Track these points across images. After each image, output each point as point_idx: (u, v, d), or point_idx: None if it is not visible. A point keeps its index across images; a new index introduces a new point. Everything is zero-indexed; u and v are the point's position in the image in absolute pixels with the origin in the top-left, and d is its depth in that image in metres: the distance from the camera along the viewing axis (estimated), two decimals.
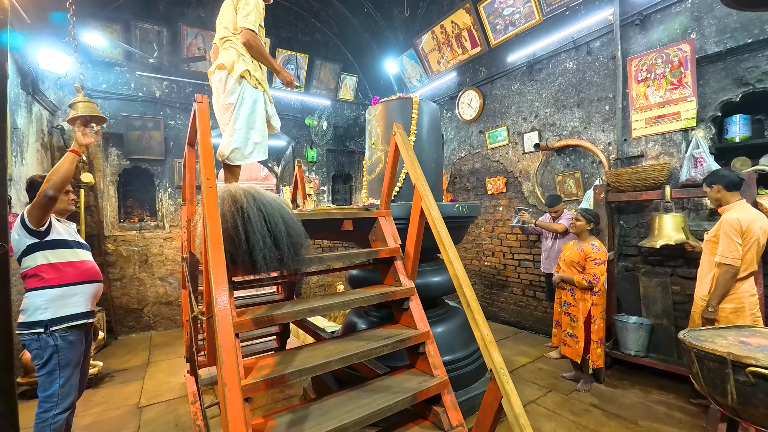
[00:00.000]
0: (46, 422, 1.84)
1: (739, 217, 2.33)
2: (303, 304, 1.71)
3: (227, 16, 2.41)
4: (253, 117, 2.36)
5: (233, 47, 2.37)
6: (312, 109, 6.18)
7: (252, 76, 2.38)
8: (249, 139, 2.38)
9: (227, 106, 2.36)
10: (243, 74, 2.32)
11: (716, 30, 3.02)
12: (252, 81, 2.39)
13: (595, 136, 3.87)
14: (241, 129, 2.34)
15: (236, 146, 2.33)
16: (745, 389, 1.41)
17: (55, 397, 1.87)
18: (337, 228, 2.06)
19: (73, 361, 1.95)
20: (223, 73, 2.34)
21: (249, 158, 2.41)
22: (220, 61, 2.37)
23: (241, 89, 2.35)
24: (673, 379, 3.04)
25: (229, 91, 2.32)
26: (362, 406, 1.56)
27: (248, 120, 2.35)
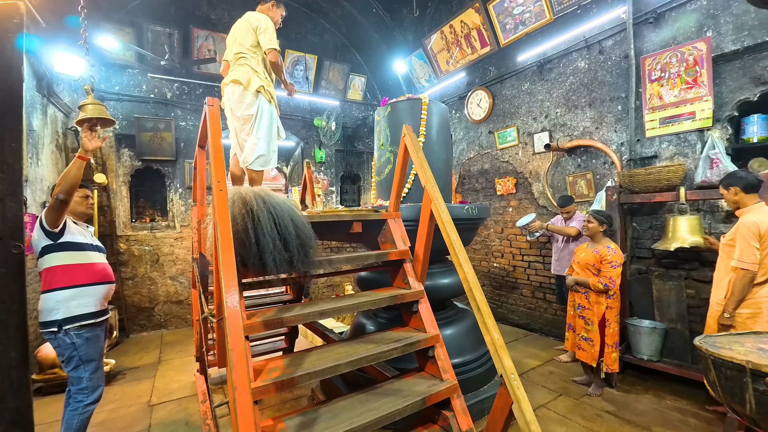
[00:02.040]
0: (76, 411, 1.98)
1: (758, 221, 2.27)
2: (313, 307, 1.71)
3: (243, 36, 2.71)
4: (271, 128, 2.77)
5: (248, 65, 2.67)
6: (321, 110, 6.19)
7: (266, 91, 2.69)
8: (270, 147, 2.70)
9: (247, 118, 2.67)
10: (259, 89, 2.63)
11: (733, 28, 2.95)
12: (266, 95, 2.70)
13: (607, 137, 3.81)
14: (264, 138, 2.66)
15: (261, 153, 2.64)
16: (765, 398, 1.37)
17: (86, 390, 2.01)
18: (346, 230, 2.06)
19: (95, 356, 2.07)
20: (238, 88, 2.64)
21: (270, 164, 2.73)
22: (235, 77, 2.64)
23: (259, 103, 2.66)
24: (687, 384, 2.97)
25: (248, 104, 2.63)
26: (372, 409, 1.55)
27: (268, 130, 2.68)
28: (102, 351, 2.16)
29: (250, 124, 2.67)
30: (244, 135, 2.73)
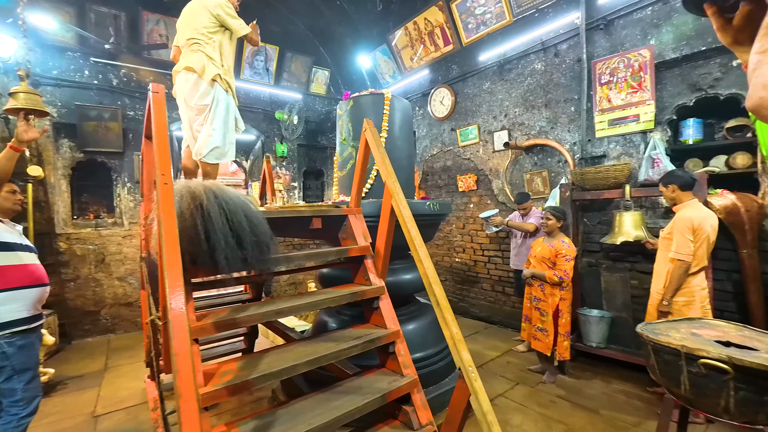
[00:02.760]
0: (10, 424, 1.83)
1: (692, 216, 2.46)
2: (270, 306, 1.64)
3: (196, 18, 2.54)
4: (228, 119, 2.64)
5: (202, 51, 2.50)
6: (282, 103, 6.02)
7: (223, 79, 2.54)
8: (226, 140, 2.56)
9: (201, 108, 2.51)
10: (215, 78, 2.48)
11: (673, 37, 3.17)
12: (223, 84, 2.55)
13: (562, 136, 3.98)
14: (219, 129, 2.51)
15: (216, 145, 2.50)
16: (698, 380, 1.48)
17: (21, 402, 1.86)
18: (306, 226, 2.00)
19: (30, 364, 1.91)
20: (191, 76, 2.48)
21: (226, 157, 2.59)
22: (188, 63, 2.48)
23: (215, 92, 2.51)
24: (631, 368, 3.19)
25: (202, 93, 2.48)
26: (332, 408, 1.52)
27: (225, 121, 2.53)
28: (37, 359, 1.98)
29: (205, 114, 2.52)
30: (197, 126, 2.57)
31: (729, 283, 2.91)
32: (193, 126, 2.60)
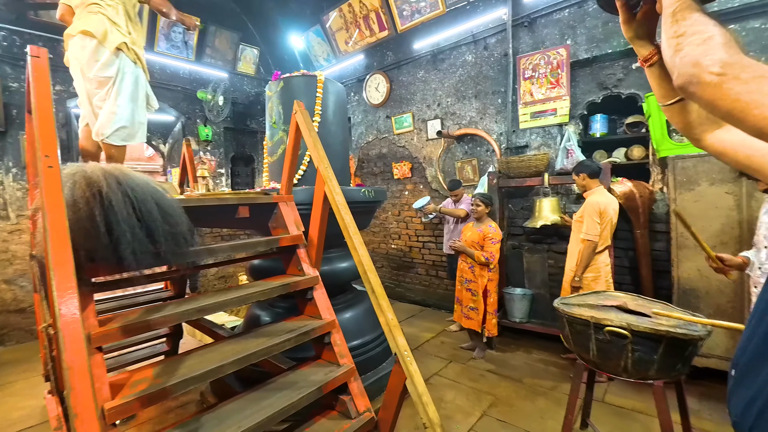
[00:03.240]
0: None
1: (599, 201, 2.75)
2: (191, 304, 1.49)
3: None
4: (136, 94, 2.30)
5: (102, 13, 2.14)
6: (205, 81, 5.51)
7: (130, 49, 2.23)
8: (135, 119, 2.25)
9: (103, 80, 2.16)
10: (120, 47, 2.15)
11: (586, 39, 3.48)
12: (131, 55, 2.23)
13: (490, 127, 4.19)
14: (126, 106, 2.19)
15: (122, 125, 2.18)
16: (603, 345, 1.67)
17: None
18: (232, 215, 1.85)
19: None
20: (89, 42, 2.12)
21: (135, 139, 2.27)
22: (84, 26, 2.11)
23: (120, 63, 2.18)
24: (549, 339, 3.53)
25: (104, 63, 2.14)
26: (264, 407, 1.44)
27: (133, 97, 2.22)
28: None
29: (107, 88, 2.17)
30: (98, 101, 2.21)
31: (626, 259, 3.34)
32: (92, 101, 2.23)
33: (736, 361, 0.73)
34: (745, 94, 0.52)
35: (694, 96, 0.59)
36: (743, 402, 0.68)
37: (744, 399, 0.68)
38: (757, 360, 0.67)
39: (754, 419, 0.65)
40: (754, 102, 0.52)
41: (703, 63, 0.56)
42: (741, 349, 0.73)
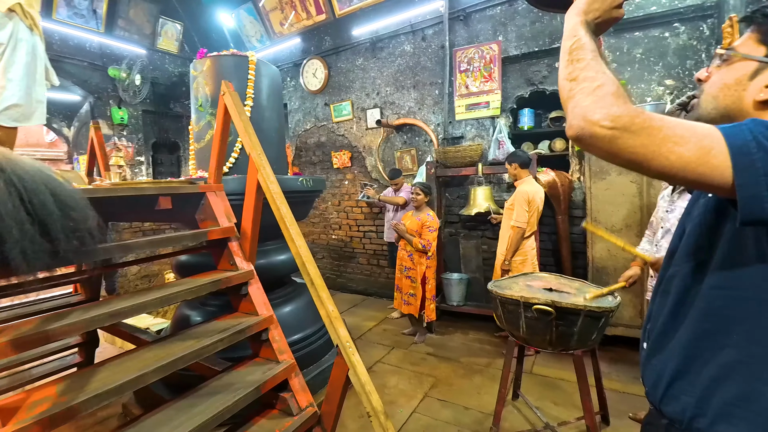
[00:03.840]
0: None
1: (528, 190, 2.95)
2: (101, 308, 1.31)
3: None
4: (33, 67, 1.86)
5: None
6: (119, 57, 4.88)
7: (26, 14, 1.83)
8: (32, 96, 1.85)
9: None
10: (13, 8, 1.75)
11: (516, 36, 3.67)
12: (27, 20, 1.84)
13: (428, 117, 4.28)
14: (20, 80, 1.80)
15: (15, 102, 1.78)
16: (531, 322, 1.80)
17: None
18: (150, 207, 1.65)
19: None
20: None
21: (31, 120, 1.88)
22: None
23: (14, 27, 1.78)
24: (484, 320, 3.74)
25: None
26: (195, 414, 1.33)
27: (28, 70, 1.81)
28: None
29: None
30: None
31: (549, 242, 3.64)
32: None
33: (648, 335, 0.79)
34: (640, 147, 0.55)
35: (589, 149, 0.60)
36: (654, 375, 0.74)
37: (654, 372, 0.74)
38: (664, 336, 0.74)
39: (664, 391, 0.71)
40: (650, 154, 0.55)
41: (593, 117, 0.57)
42: (650, 323, 0.79)
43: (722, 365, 0.63)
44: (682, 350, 0.69)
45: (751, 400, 0.60)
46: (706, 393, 0.64)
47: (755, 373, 0.60)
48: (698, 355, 0.66)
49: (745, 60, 0.65)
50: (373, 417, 1.40)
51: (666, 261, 0.79)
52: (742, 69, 0.65)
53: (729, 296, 0.63)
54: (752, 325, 0.61)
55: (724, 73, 0.67)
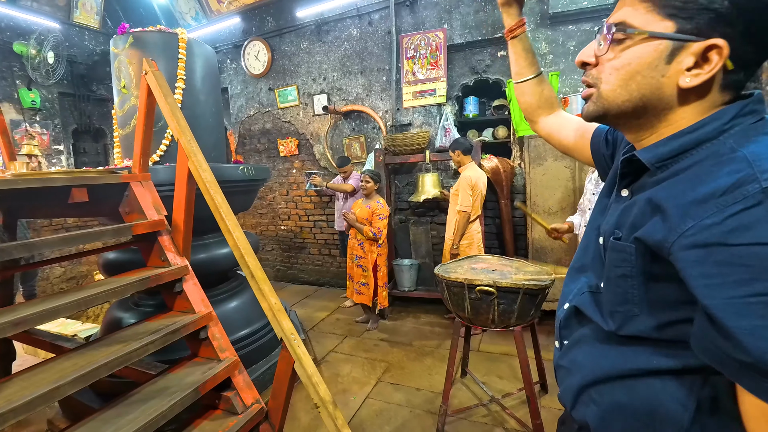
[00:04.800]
0: None
1: (471, 175, 3.04)
2: (3, 316, 1.15)
3: None
4: None
5: None
6: (25, 31, 4.28)
7: None
8: None
9: None
10: None
11: (460, 24, 3.71)
12: None
13: (376, 104, 4.24)
14: None
15: None
16: (475, 303, 1.87)
17: None
18: (63, 200, 1.47)
19: None
20: None
21: None
22: None
23: None
24: (433, 303, 3.85)
25: None
26: (125, 424, 1.22)
27: None
28: None
29: None
30: None
31: (493, 226, 3.81)
32: None
33: (564, 335, 0.75)
34: None
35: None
36: (566, 379, 0.72)
37: (565, 380, 0.73)
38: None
39: (573, 399, 0.69)
40: None
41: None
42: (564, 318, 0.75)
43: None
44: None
45: None
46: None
47: None
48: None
49: (651, 39, 0.52)
50: (321, 408, 1.39)
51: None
52: (652, 50, 0.52)
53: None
54: None
55: (629, 56, 0.54)
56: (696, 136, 0.52)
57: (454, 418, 2.19)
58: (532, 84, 0.91)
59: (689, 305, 0.50)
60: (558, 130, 0.91)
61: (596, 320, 0.65)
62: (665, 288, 0.54)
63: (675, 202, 0.50)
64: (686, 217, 0.47)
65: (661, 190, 0.54)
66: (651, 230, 0.52)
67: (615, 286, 0.60)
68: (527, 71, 0.90)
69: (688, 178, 0.51)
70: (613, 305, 0.61)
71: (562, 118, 0.92)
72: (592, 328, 0.67)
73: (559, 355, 0.75)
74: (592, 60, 0.60)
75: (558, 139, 0.91)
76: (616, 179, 0.66)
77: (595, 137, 0.82)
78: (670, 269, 0.50)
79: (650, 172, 0.58)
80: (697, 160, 0.52)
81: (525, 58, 0.90)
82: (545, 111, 0.93)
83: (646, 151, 0.57)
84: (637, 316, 0.57)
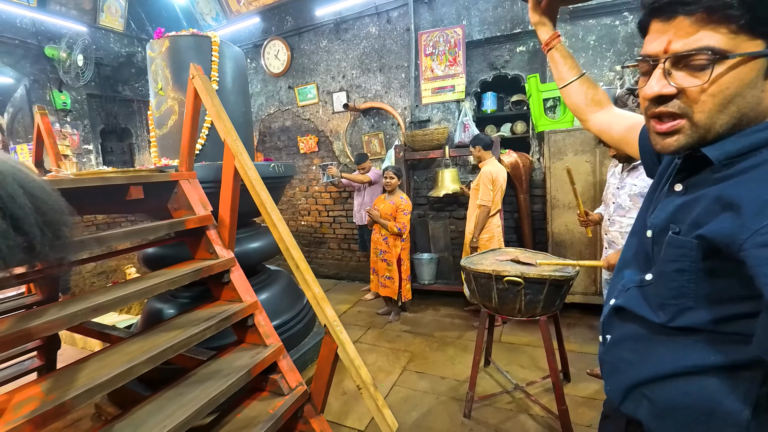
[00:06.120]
0: None
1: (491, 170, 3.10)
2: (79, 304, 1.27)
3: None
4: None
5: None
6: (56, 35, 4.44)
7: None
8: None
9: None
10: None
11: (479, 21, 3.75)
12: None
13: (395, 101, 4.30)
14: None
15: None
16: (502, 293, 1.95)
17: None
18: (120, 198, 1.59)
19: None
20: None
21: None
22: None
23: None
24: (453, 296, 3.93)
25: None
26: (187, 403, 1.34)
27: None
28: None
29: None
30: None
31: (512, 220, 3.86)
32: None
33: (607, 330, 0.77)
34: None
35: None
36: (612, 376, 0.74)
37: (611, 376, 0.75)
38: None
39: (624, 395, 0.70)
40: None
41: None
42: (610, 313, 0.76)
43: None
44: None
45: None
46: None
47: None
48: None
49: (748, 60, 0.52)
50: (363, 389, 1.49)
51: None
52: (749, 70, 0.53)
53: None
54: None
55: (727, 80, 0.53)
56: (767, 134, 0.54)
57: (480, 404, 2.28)
58: (576, 86, 0.97)
59: (751, 301, 0.50)
60: (609, 127, 0.94)
61: (643, 314, 0.66)
62: (725, 283, 0.55)
63: (750, 200, 0.50)
64: (762, 215, 0.47)
65: (731, 188, 0.54)
66: (719, 227, 0.53)
67: (669, 280, 0.60)
68: (569, 75, 0.97)
69: (763, 177, 0.52)
70: (664, 298, 0.62)
71: (612, 114, 0.95)
72: (639, 323, 0.68)
73: (603, 350, 0.77)
74: (672, 90, 0.57)
75: (609, 134, 0.94)
76: (668, 174, 0.67)
77: (643, 132, 0.83)
78: (731, 265, 0.51)
79: (712, 168, 0.58)
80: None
81: (564, 64, 0.96)
82: (594, 109, 0.96)
83: (713, 149, 0.57)
84: (691, 309, 0.58)
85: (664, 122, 0.59)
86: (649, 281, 0.66)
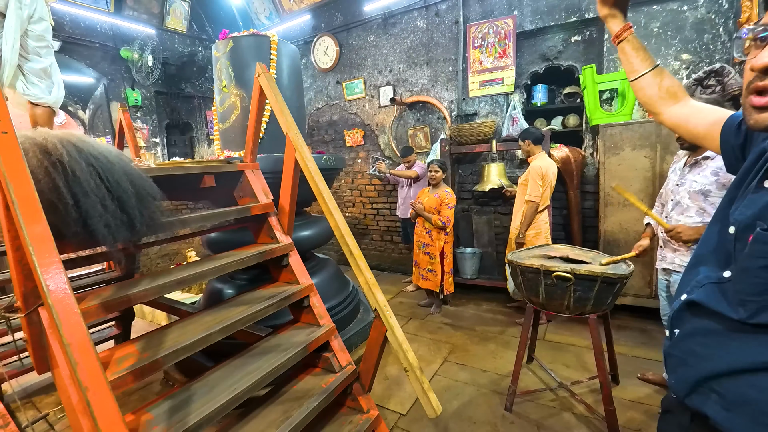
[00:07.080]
0: None
1: (541, 165, 3.03)
2: (165, 277, 1.45)
3: None
4: (50, 34, 1.79)
5: None
6: (129, 38, 4.88)
7: None
8: (57, 69, 1.82)
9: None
10: None
11: (531, 11, 3.64)
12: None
13: (441, 94, 4.30)
14: (48, 48, 1.74)
15: (41, 67, 1.68)
16: (550, 289, 1.94)
17: None
18: (194, 186, 1.77)
19: None
20: None
21: (60, 98, 1.86)
22: None
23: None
24: (495, 292, 3.90)
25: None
26: (252, 371, 1.49)
27: (49, 36, 1.76)
28: None
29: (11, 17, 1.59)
30: None
31: (560, 217, 3.75)
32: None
33: (676, 324, 0.77)
34: None
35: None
36: (679, 368, 0.74)
37: (678, 369, 0.74)
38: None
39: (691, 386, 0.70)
40: None
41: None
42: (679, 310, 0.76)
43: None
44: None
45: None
46: None
47: None
48: None
49: None
50: (410, 372, 1.56)
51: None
52: None
53: None
54: None
55: None
56: None
57: (521, 399, 2.28)
58: (648, 78, 0.93)
59: None
60: (686, 120, 0.90)
61: (719, 310, 0.65)
62: None
63: None
64: None
65: None
66: None
67: (754, 277, 0.60)
68: (641, 67, 0.93)
69: None
70: (746, 294, 0.61)
71: (690, 107, 0.91)
72: (713, 319, 0.67)
73: (670, 344, 0.77)
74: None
75: (687, 128, 0.90)
76: (757, 169, 0.66)
77: (726, 126, 0.81)
78: None
79: None
80: None
81: (636, 56, 0.93)
82: (668, 102, 0.92)
83: None
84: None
85: (765, 96, 0.59)
86: (728, 278, 0.65)
